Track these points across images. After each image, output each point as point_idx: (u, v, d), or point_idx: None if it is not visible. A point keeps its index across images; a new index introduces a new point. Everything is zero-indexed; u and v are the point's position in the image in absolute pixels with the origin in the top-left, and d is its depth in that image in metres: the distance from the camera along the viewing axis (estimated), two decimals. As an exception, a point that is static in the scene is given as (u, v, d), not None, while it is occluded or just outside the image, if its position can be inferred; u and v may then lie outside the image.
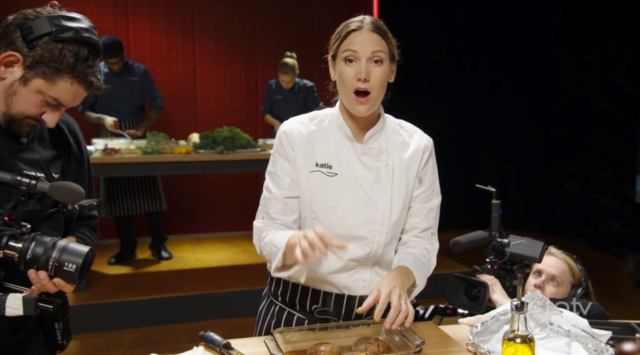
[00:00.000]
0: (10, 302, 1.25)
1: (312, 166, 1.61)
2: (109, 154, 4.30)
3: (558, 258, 2.12)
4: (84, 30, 1.32)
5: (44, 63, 1.29)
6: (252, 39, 6.23)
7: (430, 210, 1.69)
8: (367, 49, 1.51)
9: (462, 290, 1.94)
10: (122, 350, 3.72)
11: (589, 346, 1.48)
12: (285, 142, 1.62)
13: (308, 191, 1.60)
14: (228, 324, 4.03)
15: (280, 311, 1.73)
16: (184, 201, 6.01)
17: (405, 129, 1.69)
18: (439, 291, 4.28)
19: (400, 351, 1.48)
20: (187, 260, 5.21)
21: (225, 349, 1.49)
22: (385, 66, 1.54)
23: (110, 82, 4.75)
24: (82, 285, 4.20)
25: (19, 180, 1.26)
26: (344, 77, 1.54)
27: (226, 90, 6.23)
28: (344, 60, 1.53)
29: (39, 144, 1.47)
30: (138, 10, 5.85)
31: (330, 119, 1.65)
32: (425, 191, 1.68)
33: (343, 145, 1.62)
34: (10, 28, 1.31)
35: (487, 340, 1.58)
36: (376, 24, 1.54)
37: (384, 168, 1.61)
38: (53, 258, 1.27)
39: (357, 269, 1.64)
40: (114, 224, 5.09)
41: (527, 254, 1.99)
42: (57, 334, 1.55)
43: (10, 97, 1.32)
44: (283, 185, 1.62)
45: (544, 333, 1.56)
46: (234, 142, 4.56)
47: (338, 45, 1.55)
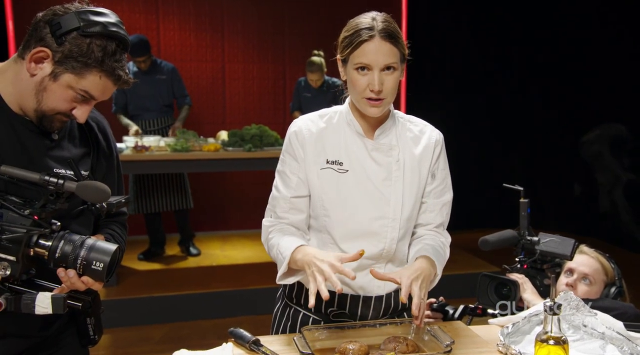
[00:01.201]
0: (39, 301, 1.26)
1: (323, 163, 1.60)
2: (139, 152, 4.35)
3: (590, 256, 2.06)
4: (112, 25, 1.33)
5: (72, 58, 1.30)
6: (280, 37, 6.25)
7: (444, 205, 1.68)
8: (380, 60, 1.49)
9: (492, 289, 1.92)
10: (151, 345, 3.76)
11: (625, 349, 1.45)
12: (294, 142, 1.63)
13: (319, 188, 1.60)
14: (254, 321, 4.04)
15: (295, 313, 1.72)
16: (212, 198, 6.05)
17: (415, 124, 1.69)
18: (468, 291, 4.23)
19: (429, 351, 1.47)
20: (215, 257, 5.25)
21: (254, 345, 1.49)
22: (398, 72, 1.54)
23: (139, 81, 4.82)
24: (113, 280, 4.27)
25: (47, 180, 1.27)
26: (356, 85, 1.53)
27: (254, 88, 6.25)
28: (356, 69, 1.52)
29: (69, 141, 1.48)
30: (168, 9, 5.91)
31: (339, 115, 1.65)
32: (438, 186, 1.67)
33: (353, 142, 1.61)
34: (40, 25, 1.32)
35: (518, 341, 1.55)
36: (388, 30, 1.50)
37: (395, 164, 1.60)
38: (81, 256, 1.28)
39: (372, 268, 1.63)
40: (142, 221, 5.16)
41: (557, 251, 1.95)
42: (89, 329, 1.57)
43: (41, 93, 1.34)
44: (291, 184, 1.63)
45: (577, 335, 1.53)
46: (262, 139, 4.58)
47: (349, 52, 1.52)
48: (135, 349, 3.72)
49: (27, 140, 1.38)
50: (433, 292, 1.72)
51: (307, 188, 1.62)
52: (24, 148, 1.37)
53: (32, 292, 1.27)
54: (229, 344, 1.52)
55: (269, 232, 1.65)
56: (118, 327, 3.95)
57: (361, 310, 1.65)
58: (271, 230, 1.64)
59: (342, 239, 1.61)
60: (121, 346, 3.75)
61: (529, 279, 1.97)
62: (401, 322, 1.59)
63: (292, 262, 1.51)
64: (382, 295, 1.65)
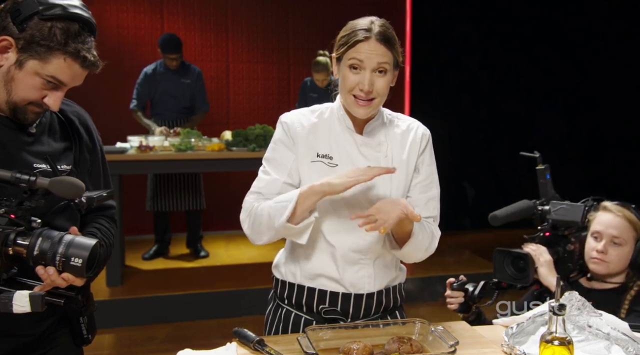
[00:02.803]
0: (17, 299, 1.22)
1: (314, 156, 1.62)
2: (144, 152, 4.36)
3: (616, 214, 1.94)
4: (72, 7, 1.31)
5: (35, 43, 1.28)
6: (285, 38, 6.25)
7: (430, 200, 1.68)
8: (372, 60, 1.52)
9: (508, 264, 1.91)
10: (155, 344, 3.77)
11: (630, 350, 1.44)
12: (287, 132, 1.64)
13: (309, 181, 1.60)
14: (259, 321, 4.02)
15: (287, 314, 1.73)
16: (216, 198, 6.06)
17: (402, 120, 1.71)
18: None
19: (433, 351, 1.46)
20: (219, 256, 5.25)
21: (258, 345, 1.50)
22: (389, 75, 1.56)
23: (166, 79, 4.86)
24: (118, 279, 4.28)
25: (18, 178, 1.25)
26: (346, 83, 1.55)
27: (259, 88, 6.26)
28: (348, 67, 1.54)
29: (49, 136, 1.46)
30: (173, 9, 5.92)
31: (330, 111, 1.68)
32: (422, 181, 1.67)
33: (343, 137, 1.63)
34: (2, 15, 1.31)
35: (522, 341, 1.55)
36: (384, 34, 1.53)
37: (383, 159, 1.63)
38: (59, 253, 1.25)
39: (361, 265, 1.64)
40: (148, 220, 5.17)
41: (568, 218, 1.91)
42: (82, 328, 1.54)
43: (9, 84, 1.32)
44: (284, 171, 1.63)
45: (582, 336, 1.52)
46: (265, 139, 4.58)
47: (345, 51, 1.55)
48: (140, 348, 3.73)
49: (4, 136, 1.37)
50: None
51: (298, 178, 1.63)
52: (1, 145, 1.36)
53: (10, 291, 1.23)
54: (233, 343, 1.52)
55: (253, 204, 1.60)
56: (122, 327, 3.95)
57: (353, 307, 1.65)
58: (255, 204, 1.60)
59: (330, 232, 1.62)
60: (125, 345, 3.76)
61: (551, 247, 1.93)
62: (405, 322, 1.59)
63: (300, 201, 1.49)
64: (374, 292, 1.66)
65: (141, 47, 5.85)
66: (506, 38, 6.32)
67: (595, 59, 6.05)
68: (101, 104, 5.71)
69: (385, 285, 1.68)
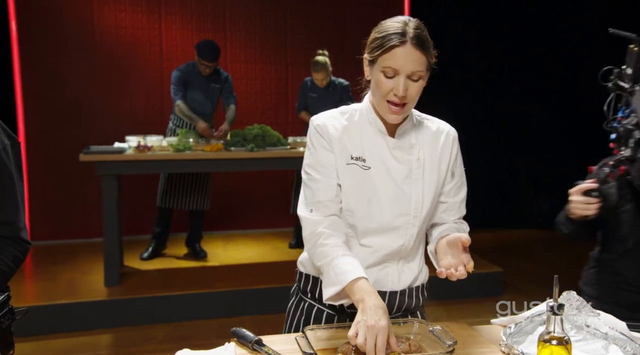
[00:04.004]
0: None
1: (348, 159, 1.61)
2: (142, 151, 4.36)
3: None
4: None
5: None
6: (283, 38, 6.25)
7: (462, 201, 1.71)
8: (407, 67, 1.50)
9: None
10: (154, 344, 3.77)
11: (628, 349, 1.45)
12: (323, 134, 1.63)
13: (345, 183, 1.61)
14: (257, 321, 4.05)
15: (309, 307, 1.73)
16: (214, 198, 6.04)
17: (431, 121, 1.71)
18: (476, 291, 4.20)
19: (432, 351, 1.47)
20: (218, 256, 5.25)
21: (257, 345, 1.50)
22: (423, 80, 1.55)
23: (197, 83, 4.84)
24: (116, 280, 4.28)
25: None
26: (380, 87, 1.54)
27: (257, 88, 6.26)
28: (382, 73, 1.52)
29: None
30: (170, 9, 5.92)
31: (360, 113, 1.66)
32: (456, 183, 1.69)
33: (375, 140, 1.62)
34: None
35: (520, 341, 1.55)
36: (420, 37, 1.51)
37: (415, 162, 1.62)
38: None
39: (386, 264, 1.65)
40: (146, 220, 5.17)
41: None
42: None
43: None
44: (331, 174, 1.61)
45: (579, 335, 1.53)
46: (264, 139, 4.59)
47: (379, 55, 1.52)
48: (138, 348, 3.73)
49: None
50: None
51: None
52: None
53: None
54: (231, 343, 1.52)
55: (318, 233, 1.57)
56: (121, 327, 3.95)
57: None
58: (321, 232, 1.57)
59: (364, 233, 1.62)
60: (124, 345, 3.76)
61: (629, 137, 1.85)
62: (404, 322, 1.59)
63: (347, 288, 1.48)
64: (397, 291, 1.66)
65: (139, 47, 5.85)
66: (505, 37, 6.32)
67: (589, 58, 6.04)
68: (100, 103, 5.72)
69: (409, 284, 1.68)
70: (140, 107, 5.87)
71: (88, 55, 5.67)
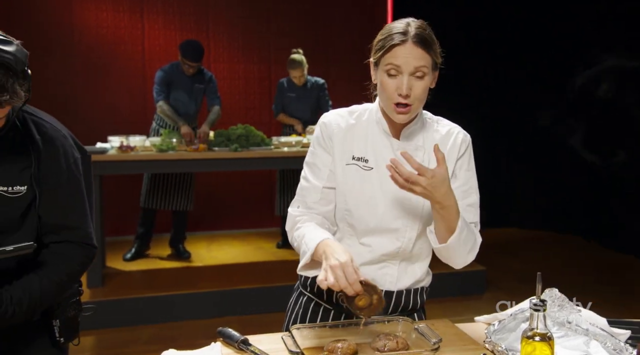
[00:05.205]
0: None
1: (349, 159, 1.63)
2: (125, 152, 4.33)
3: None
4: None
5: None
6: (266, 38, 6.24)
7: (469, 206, 1.64)
8: (410, 64, 1.50)
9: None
10: (138, 346, 3.75)
11: (608, 345, 1.47)
12: (325, 133, 1.65)
13: (343, 184, 1.62)
14: (243, 321, 4.04)
15: (307, 301, 1.75)
16: (198, 199, 6.03)
17: (443, 125, 1.69)
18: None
19: (417, 348, 1.48)
20: (202, 257, 5.24)
21: (243, 344, 1.50)
22: (428, 79, 1.54)
23: (180, 83, 4.81)
24: (99, 281, 4.25)
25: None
26: (385, 89, 1.54)
27: (240, 88, 6.24)
28: (385, 72, 1.53)
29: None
30: (153, 8, 5.89)
31: (369, 113, 1.67)
32: (461, 186, 1.64)
33: (380, 140, 1.63)
34: None
35: (504, 338, 1.57)
36: (421, 35, 1.51)
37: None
38: None
39: (386, 264, 1.65)
40: (129, 221, 5.13)
41: None
42: (55, 331, 1.61)
43: None
44: (322, 175, 1.64)
45: (561, 332, 1.55)
46: (248, 139, 4.58)
47: (381, 55, 1.53)
48: (123, 349, 3.70)
49: None
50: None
51: (335, 180, 1.64)
52: None
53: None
54: (217, 343, 1.52)
55: (296, 222, 1.64)
56: (104, 328, 3.92)
57: None
58: (298, 219, 1.64)
59: (362, 233, 1.63)
60: (107, 347, 3.73)
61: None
62: (389, 320, 1.60)
63: (315, 254, 1.51)
64: (393, 290, 1.66)
65: (120, 47, 5.81)
66: (490, 35, 6.32)
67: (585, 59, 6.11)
68: (81, 103, 5.66)
69: (408, 286, 1.68)
70: (123, 107, 5.82)
71: (68, 55, 5.61)
